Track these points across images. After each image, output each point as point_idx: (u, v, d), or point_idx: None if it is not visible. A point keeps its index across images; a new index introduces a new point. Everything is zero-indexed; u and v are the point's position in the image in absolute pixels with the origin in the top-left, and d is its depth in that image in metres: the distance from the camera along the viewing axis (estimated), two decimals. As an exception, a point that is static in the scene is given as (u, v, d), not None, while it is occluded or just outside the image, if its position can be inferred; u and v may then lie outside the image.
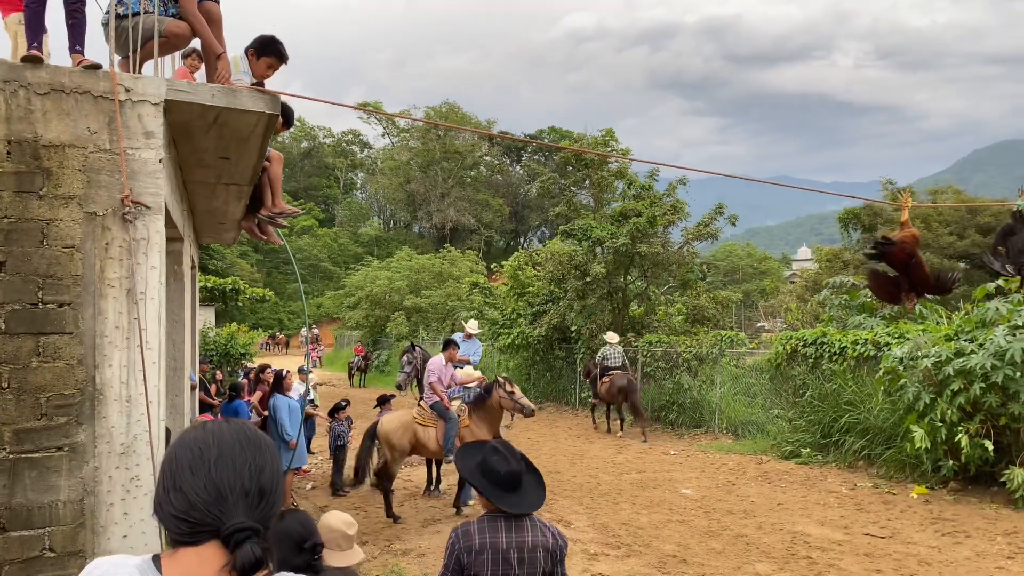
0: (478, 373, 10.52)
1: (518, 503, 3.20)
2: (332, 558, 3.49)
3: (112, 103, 3.94)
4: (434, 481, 10.62)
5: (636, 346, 18.94)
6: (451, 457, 8.95)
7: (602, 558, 7.55)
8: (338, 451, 10.74)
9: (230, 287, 24.57)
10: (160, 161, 4.08)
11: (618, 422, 16.38)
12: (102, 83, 3.97)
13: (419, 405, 9.76)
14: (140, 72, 4.46)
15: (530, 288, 23.76)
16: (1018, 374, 9.74)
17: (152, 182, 4.05)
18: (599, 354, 17.13)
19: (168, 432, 4.65)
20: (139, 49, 4.39)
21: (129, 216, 3.91)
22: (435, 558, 7.50)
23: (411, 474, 11.97)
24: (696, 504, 9.97)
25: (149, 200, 4.01)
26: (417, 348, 11.04)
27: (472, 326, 12.51)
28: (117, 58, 4.46)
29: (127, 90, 4.00)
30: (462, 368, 10.80)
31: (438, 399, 9.43)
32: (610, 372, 16.18)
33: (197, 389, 10.25)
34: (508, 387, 9.41)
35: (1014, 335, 9.96)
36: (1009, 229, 5.56)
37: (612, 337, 17.00)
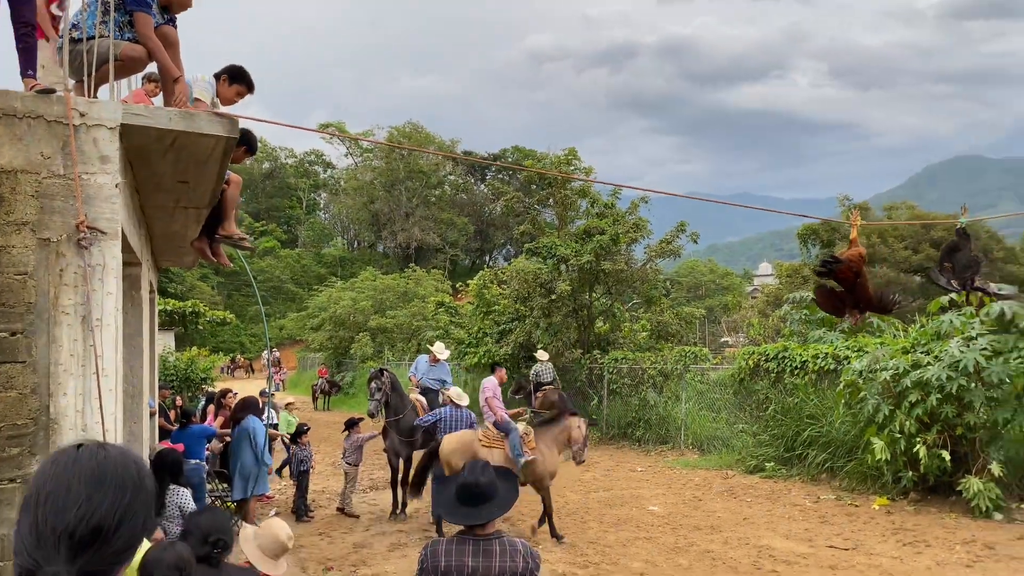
0: (467, 397, 10.47)
1: (469, 515, 3.21)
2: (261, 563, 3.65)
3: (66, 128, 3.88)
4: (400, 505, 10.52)
5: (602, 363, 19.02)
6: (523, 461, 8.94)
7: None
8: (301, 476, 10.59)
9: (190, 310, 24.25)
10: (116, 186, 4.03)
11: None
12: (56, 107, 3.91)
13: (485, 427, 9.63)
14: (95, 96, 4.41)
15: (496, 307, 23.75)
16: (972, 384, 9.98)
17: (108, 207, 3.98)
18: (532, 371, 17.43)
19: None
20: (94, 73, 4.34)
21: (84, 242, 3.84)
22: (402, 582, 7.43)
23: (376, 498, 11.85)
24: (663, 520, 10.00)
25: (105, 225, 3.95)
26: (385, 372, 10.95)
27: (439, 348, 12.46)
28: (71, 82, 4.40)
29: (82, 115, 3.94)
30: (447, 388, 10.91)
31: (498, 418, 9.48)
32: (543, 388, 16.43)
33: (156, 415, 10.05)
34: (584, 429, 9.53)
35: (968, 347, 10.20)
36: (954, 246, 5.72)
37: (542, 355, 17.48)
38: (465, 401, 10.22)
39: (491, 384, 10.28)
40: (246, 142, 5.50)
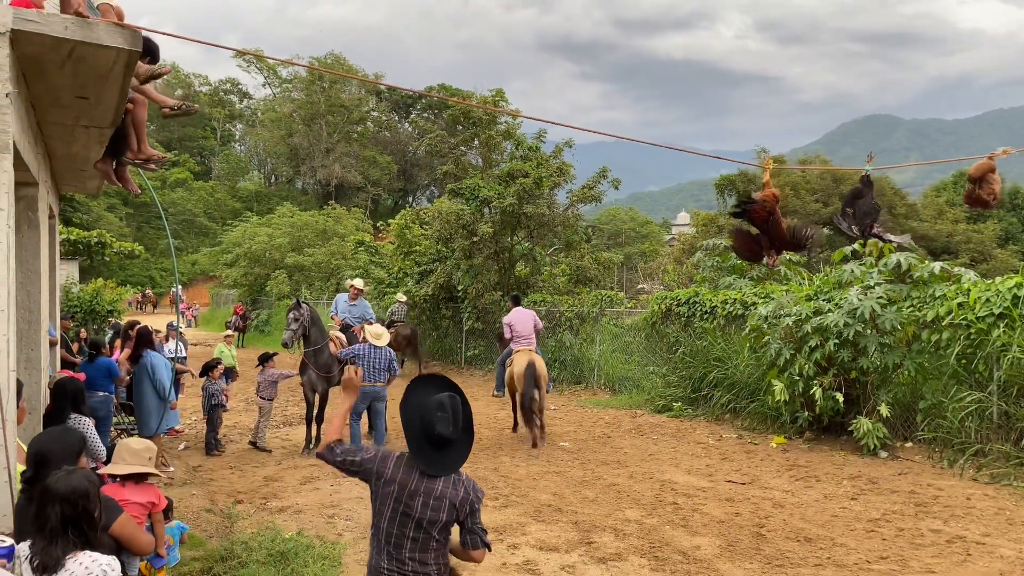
0: (386, 335, 10.46)
1: (431, 464, 3.29)
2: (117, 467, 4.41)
3: (-51, 30, 3.61)
4: (314, 440, 10.51)
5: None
6: None
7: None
8: (212, 410, 10.43)
9: (95, 240, 23.16)
10: (7, 95, 3.78)
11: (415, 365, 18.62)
12: (-63, 8, 3.62)
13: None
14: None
15: (417, 247, 23.61)
16: (868, 331, 10.53)
17: (-3, 118, 3.75)
18: (388, 310, 19.72)
19: (20, 384, 4.39)
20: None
21: (-29, 154, 3.62)
22: (312, 515, 7.47)
23: (290, 433, 11.80)
24: (572, 456, 10.31)
25: (-6, 138, 3.72)
26: (304, 305, 10.79)
27: (358, 283, 12.37)
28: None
29: (-33, 17, 3.67)
30: (365, 326, 10.90)
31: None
32: (395, 324, 18.43)
33: (58, 345, 9.68)
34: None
35: (866, 295, 10.73)
36: (857, 192, 5.95)
37: (401, 297, 19.51)
38: (384, 340, 10.22)
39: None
40: (148, 52, 5.19)
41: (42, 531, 2.78)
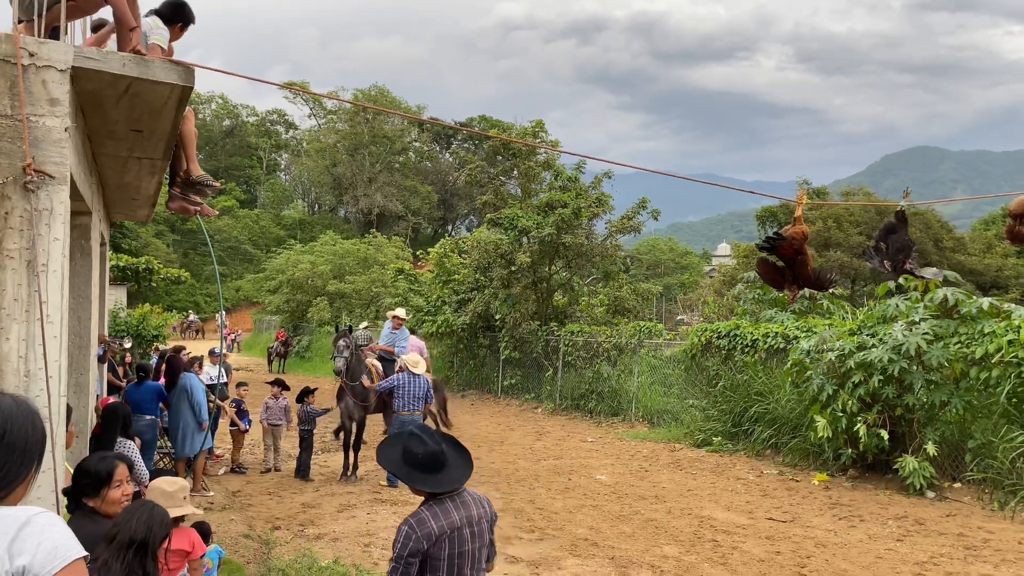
0: (423, 364, 10.55)
1: (440, 482, 3.22)
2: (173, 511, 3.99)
3: (15, 67, 3.77)
4: (351, 467, 10.56)
5: (559, 335, 19.19)
6: None
7: (516, 541, 7.67)
8: (307, 435, 10.62)
9: (143, 266, 23.71)
10: (66, 130, 3.93)
11: None
12: (4, 46, 3.79)
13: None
14: (46, 38, 4.28)
15: (456, 276, 23.75)
16: (913, 367, 10.30)
17: (57, 151, 3.89)
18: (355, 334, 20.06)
19: (70, 409, 4.50)
20: (44, 13, 4.21)
21: (31, 185, 3.76)
22: (349, 543, 7.49)
23: (328, 460, 11.87)
24: (610, 490, 10.20)
25: (53, 169, 3.86)
26: (353, 331, 10.90)
27: (400, 312, 12.46)
28: (21, 23, 4.27)
29: (31, 54, 3.83)
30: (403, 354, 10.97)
31: None
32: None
33: (105, 364, 9.94)
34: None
35: (911, 330, 10.51)
36: (891, 227, 5.86)
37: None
38: (421, 368, 10.27)
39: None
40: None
41: (108, 547, 2.84)
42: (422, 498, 3.30)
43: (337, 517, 8.50)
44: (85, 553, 1.83)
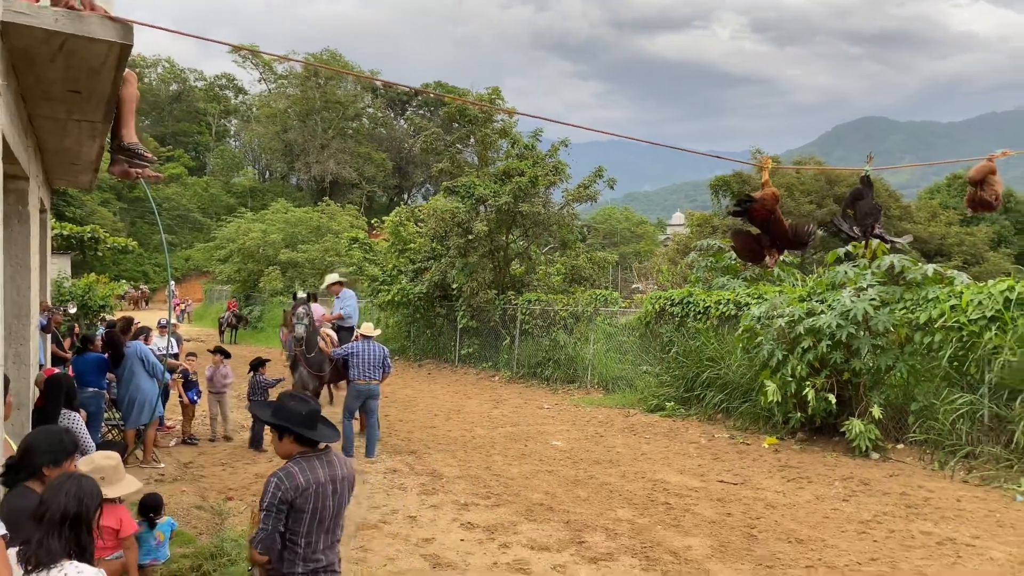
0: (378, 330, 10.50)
1: (325, 435, 3.51)
2: (110, 491, 3.92)
3: (-62, 21, 3.57)
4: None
5: (516, 304, 19.21)
6: None
7: (472, 508, 7.70)
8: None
9: (88, 235, 23.07)
10: (-4, 88, 3.75)
11: None
12: (-74, -2, 3.58)
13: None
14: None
15: (412, 245, 23.54)
16: (861, 332, 10.55)
17: (-14, 111, 3.72)
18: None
19: (7, 380, 4.35)
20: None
21: (-41, 147, 3.58)
22: (304, 511, 7.44)
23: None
24: (565, 455, 10.30)
25: (-17, 131, 3.69)
26: (312, 299, 10.73)
27: (332, 278, 12.27)
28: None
29: (-44, 8, 3.63)
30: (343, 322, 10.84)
31: None
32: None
33: (48, 336, 9.66)
34: None
35: (859, 296, 10.74)
36: (858, 193, 5.94)
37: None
38: (377, 332, 10.19)
39: None
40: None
41: (39, 524, 2.76)
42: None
43: (292, 487, 8.44)
44: (4, 532, 1.75)
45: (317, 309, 13.16)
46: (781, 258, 7.48)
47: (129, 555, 4.54)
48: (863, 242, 8.41)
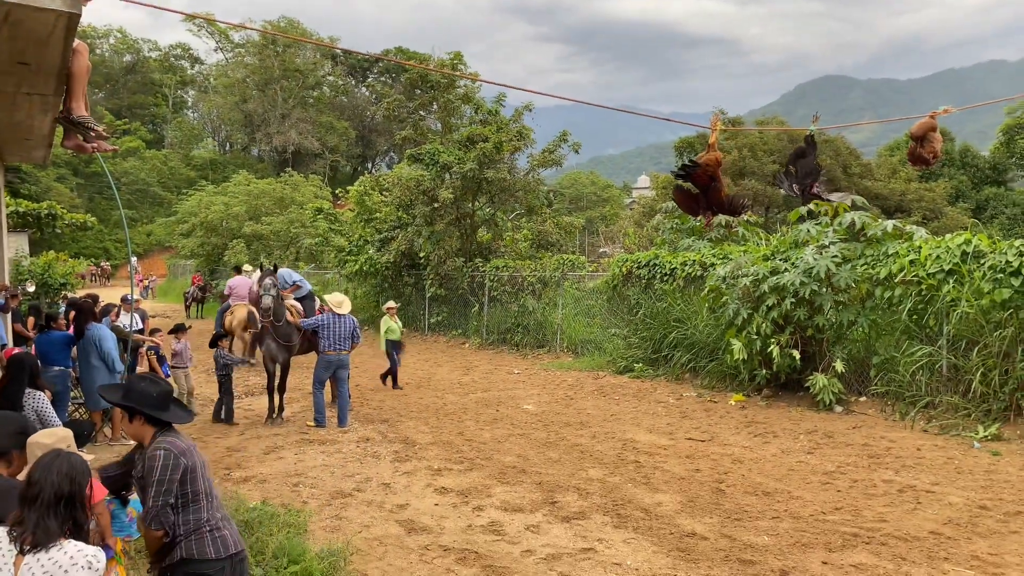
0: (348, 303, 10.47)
1: (177, 416, 3.50)
2: None
3: None
4: (276, 409, 10.46)
5: (484, 271, 19.21)
6: None
7: (445, 473, 7.78)
8: (226, 379, 10.35)
9: (45, 212, 22.53)
10: (-60, 62, 3.64)
11: None
12: None
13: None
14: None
15: (377, 214, 23.37)
16: (823, 289, 10.74)
17: (-69, 86, 3.61)
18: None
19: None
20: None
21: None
22: (277, 484, 7.47)
23: (252, 404, 11.72)
24: (536, 418, 10.41)
25: (-71, 106, 3.58)
26: (277, 270, 10.63)
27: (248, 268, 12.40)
28: None
29: None
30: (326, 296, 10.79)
31: None
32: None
33: (9, 316, 9.48)
34: None
35: (821, 254, 10.92)
36: (800, 152, 6.03)
37: (247, 267, 19.22)
38: (346, 308, 10.16)
39: None
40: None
41: (32, 505, 2.74)
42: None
43: (264, 459, 8.44)
44: None
45: (243, 283, 14.00)
46: (716, 219, 7.66)
47: (102, 519, 4.56)
48: (801, 200, 8.57)
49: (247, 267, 11.67)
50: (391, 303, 13.86)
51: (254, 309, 12.95)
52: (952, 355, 9.75)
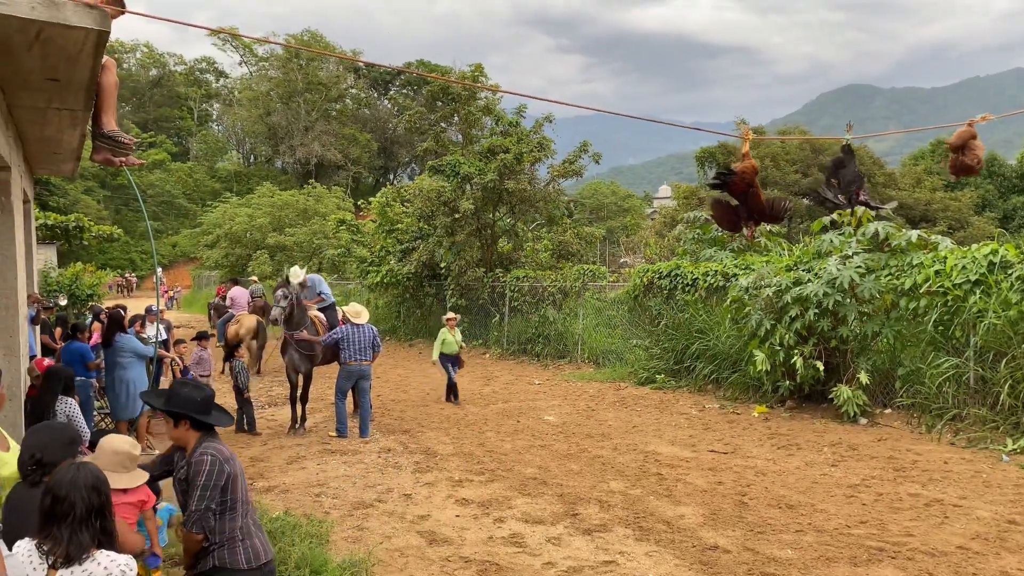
0: (366, 313, 10.51)
1: (220, 420, 3.61)
2: (116, 479, 3.61)
3: (-88, 12, 3.54)
4: (299, 419, 10.52)
5: (504, 281, 19.24)
6: None
7: (466, 484, 7.78)
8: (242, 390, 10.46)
9: (73, 224, 22.88)
10: (-26, 79, 3.72)
11: None
12: (-101, -11, 3.54)
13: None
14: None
15: (399, 225, 23.49)
16: (847, 300, 10.65)
17: (-35, 102, 3.69)
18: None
19: (-1, 372, 4.36)
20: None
21: (-60, 139, 3.57)
22: (299, 494, 7.51)
23: (275, 414, 11.80)
24: (557, 430, 10.39)
25: (-38, 122, 3.67)
26: (292, 283, 10.73)
27: (295, 273, 11.90)
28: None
29: (-70, -2, 3.59)
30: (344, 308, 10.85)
31: None
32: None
33: (39, 329, 9.63)
34: None
35: (844, 264, 10.83)
36: (840, 162, 5.98)
37: (253, 279, 20.22)
38: (364, 318, 10.23)
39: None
40: None
41: (64, 521, 2.73)
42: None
43: (287, 469, 8.49)
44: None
45: (243, 294, 14.29)
46: (758, 229, 7.57)
47: (150, 524, 4.61)
48: (849, 209, 8.47)
49: (295, 269, 11.53)
50: (451, 314, 13.51)
51: (262, 319, 13.47)
52: (979, 367, 9.61)
